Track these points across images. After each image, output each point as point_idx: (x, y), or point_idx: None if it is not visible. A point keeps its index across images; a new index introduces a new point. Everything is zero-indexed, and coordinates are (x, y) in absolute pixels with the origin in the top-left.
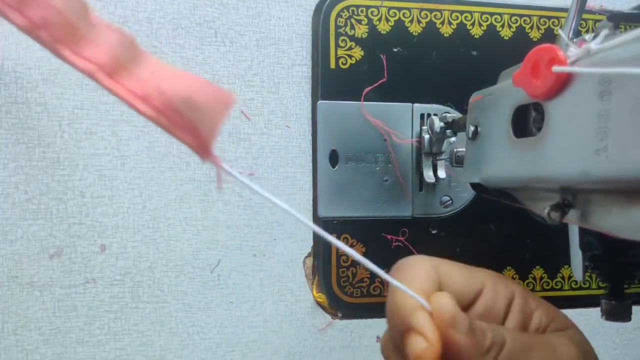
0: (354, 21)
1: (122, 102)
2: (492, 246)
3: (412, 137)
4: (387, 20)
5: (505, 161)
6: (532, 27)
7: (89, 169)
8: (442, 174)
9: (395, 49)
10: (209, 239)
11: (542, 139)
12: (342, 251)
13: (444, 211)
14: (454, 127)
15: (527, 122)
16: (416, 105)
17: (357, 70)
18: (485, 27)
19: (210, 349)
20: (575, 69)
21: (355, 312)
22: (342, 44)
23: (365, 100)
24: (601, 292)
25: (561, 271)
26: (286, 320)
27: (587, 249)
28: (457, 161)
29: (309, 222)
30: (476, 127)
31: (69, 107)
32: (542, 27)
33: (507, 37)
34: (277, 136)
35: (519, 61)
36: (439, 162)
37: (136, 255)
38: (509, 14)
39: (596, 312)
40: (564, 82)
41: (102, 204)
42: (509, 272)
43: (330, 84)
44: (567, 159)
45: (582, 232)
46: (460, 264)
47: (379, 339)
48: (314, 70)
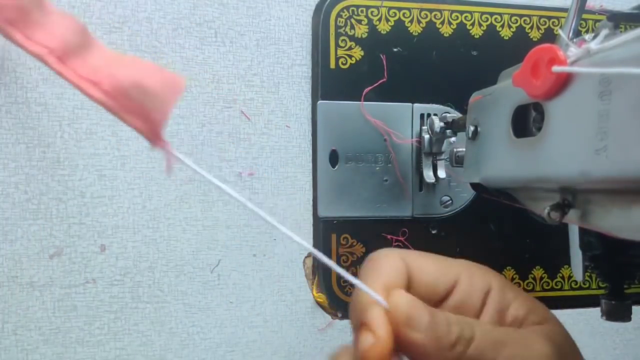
0: (354, 21)
1: (73, 86)
2: (492, 246)
3: (412, 137)
4: (387, 20)
5: (505, 161)
6: (532, 27)
7: (89, 169)
8: (442, 174)
9: (395, 49)
10: (209, 239)
11: (542, 139)
12: (342, 251)
13: (444, 211)
14: (454, 127)
15: (527, 122)
16: (416, 105)
17: (357, 70)
18: (485, 27)
19: (210, 349)
20: (575, 69)
21: None
22: (342, 44)
23: (365, 100)
24: (601, 292)
25: (561, 271)
26: (286, 320)
27: (587, 249)
28: (457, 161)
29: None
30: (476, 127)
31: (69, 107)
32: (542, 27)
33: (507, 37)
34: (277, 136)
35: (519, 61)
36: (439, 162)
37: (136, 255)
38: (509, 14)
39: (596, 312)
40: (564, 82)
41: (102, 204)
42: (509, 272)
43: (330, 84)
44: (567, 159)
45: (582, 232)
46: (435, 255)
47: None
48: (314, 70)
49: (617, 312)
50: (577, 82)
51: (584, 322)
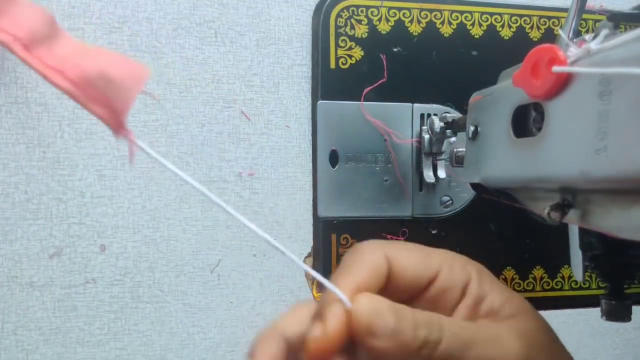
0: (354, 21)
1: (39, 74)
2: (492, 246)
3: (412, 137)
4: (387, 20)
5: (505, 161)
6: (532, 27)
7: (89, 169)
8: (442, 174)
9: (395, 49)
10: (209, 239)
11: (542, 139)
12: (342, 251)
13: (444, 211)
14: (454, 127)
15: (527, 122)
16: (416, 105)
17: (357, 70)
18: (485, 27)
19: (210, 349)
20: (575, 69)
21: None
22: (342, 44)
23: (365, 100)
24: (601, 292)
25: (561, 271)
26: None
27: (587, 249)
28: (457, 161)
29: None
30: (476, 127)
31: (69, 107)
32: (542, 27)
33: (507, 37)
34: (277, 136)
35: (519, 61)
36: (439, 162)
37: (136, 255)
38: (509, 14)
39: (596, 312)
40: (564, 82)
41: (102, 204)
42: (509, 272)
43: (330, 84)
44: (567, 159)
45: (582, 232)
46: (418, 246)
47: None
48: (314, 70)
49: (617, 312)
50: (577, 82)
51: (584, 322)
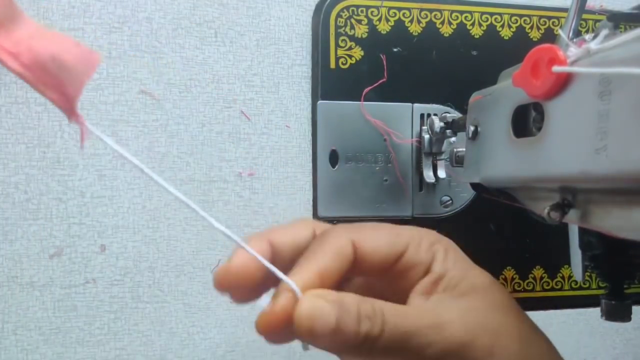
0: (354, 21)
1: None
2: (492, 246)
3: (412, 137)
4: (387, 20)
5: (505, 161)
6: (532, 27)
7: (89, 169)
8: (442, 174)
9: (395, 49)
10: (209, 239)
11: (542, 138)
12: None
13: (444, 211)
14: (454, 127)
15: (527, 122)
16: (416, 105)
17: (357, 70)
18: (485, 27)
19: (210, 349)
20: (575, 69)
21: None
22: (342, 44)
23: (365, 100)
24: (601, 292)
25: (561, 271)
26: None
27: (587, 248)
28: (457, 161)
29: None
30: (476, 127)
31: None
32: (542, 27)
33: (507, 37)
34: (277, 136)
35: (519, 61)
36: (439, 162)
37: (136, 255)
38: (509, 14)
39: (596, 312)
40: (564, 82)
41: (102, 204)
42: (509, 272)
43: (330, 84)
44: (567, 159)
45: (582, 232)
46: (388, 226)
47: None
48: (314, 70)
49: (617, 312)
50: (577, 82)
51: (584, 322)
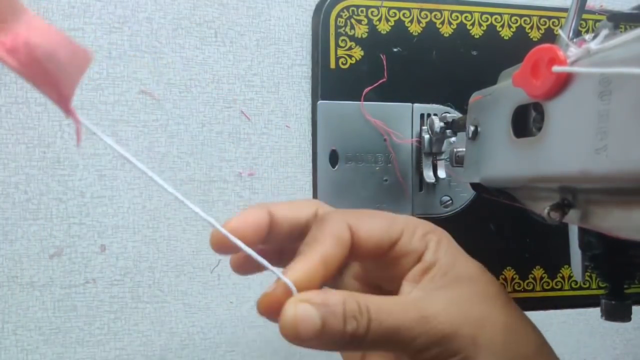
0: (354, 21)
1: None
2: (492, 246)
3: (412, 137)
4: (387, 20)
5: (505, 161)
6: (532, 27)
7: (89, 169)
8: (442, 174)
9: (395, 49)
10: (209, 239)
11: (542, 138)
12: None
13: (444, 211)
14: (454, 127)
15: (527, 122)
16: (416, 105)
17: (357, 70)
18: (485, 27)
19: (210, 349)
20: (575, 69)
21: None
22: (342, 44)
23: (365, 100)
24: (601, 292)
25: (561, 271)
26: None
27: (587, 248)
28: (457, 161)
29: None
30: (476, 127)
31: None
32: (542, 27)
33: (507, 37)
34: (277, 136)
35: (519, 61)
36: (439, 162)
37: (136, 255)
38: (509, 14)
39: (596, 312)
40: (564, 82)
41: (102, 204)
42: (509, 272)
43: (330, 84)
44: (567, 159)
45: (582, 232)
46: (384, 214)
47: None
48: (314, 70)
49: (617, 312)
50: (577, 82)
51: (584, 322)
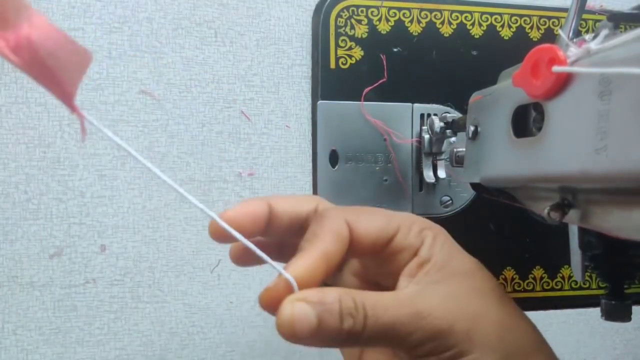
0: (354, 21)
1: None
2: (492, 246)
3: (412, 137)
4: (387, 20)
5: (505, 161)
6: (532, 27)
7: (89, 169)
8: (442, 174)
9: (395, 49)
10: (209, 239)
11: (542, 138)
12: None
13: (444, 211)
14: (454, 127)
15: (527, 122)
16: (416, 105)
17: (357, 70)
18: (485, 27)
19: (210, 349)
20: (575, 69)
21: None
22: (342, 44)
23: (365, 100)
24: (601, 292)
25: (561, 271)
26: None
27: (587, 248)
28: (457, 161)
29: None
30: (476, 127)
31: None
32: (542, 27)
33: (507, 37)
34: (277, 136)
35: (519, 61)
36: (439, 162)
37: (136, 255)
38: (509, 14)
39: (596, 312)
40: (564, 82)
41: (102, 204)
42: (509, 272)
43: (330, 84)
44: (567, 159)
45: (582, 232)
46: (381, 211)
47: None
48: (314, 70)
49: (617, 312)
50: (577, 82)
51: (584, 322)
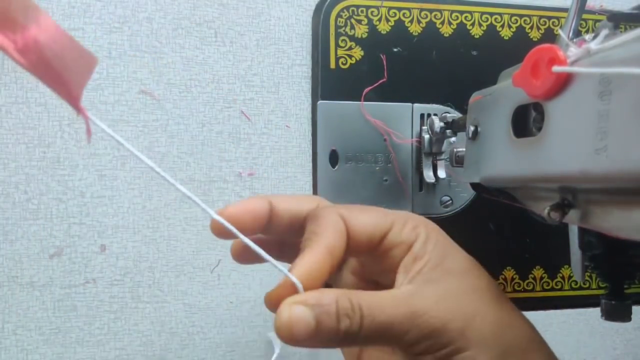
0: (354, 21)
1: (3, 51)
2: (492, 246)
3: (412, 137)
4: (387, 20)
5: (505, 161)
6: (532, 27)
7: (89, 169)
8: (442, 174)
9: (395, 49)
10: (209, 239)
11: (542, 138)
12: None
13: (444, 211)
14: (454, 127)
15: (527, 122)
16: (416, 105)
17: (357, 70)
18: (485, 27)
19: (210, 348)
20: (575, 69)
21: None
22: (342, 44)
23: (365, 100)
24: (601, 292)
25: (561, 271)
26: None
27: (587, 248)
28: (457, 161)
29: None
30: (476, 127)
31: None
32: (542, 27)
33: (507, 37)
34: (277, 136)
35: (519, 61)
36: (439, 162)
37: (136, 255)
38: (509, 14)
39: (596, 312)
40: (564, 82)
41: (102, 204)
42: (509, 272)
43: (330, 84)
44: (567, 159)
45: (582, 232)
46: (376, 209)
47: None
48: (314, 70)
49: (617, 312)
50: (577, 82)
51: (584, 322)
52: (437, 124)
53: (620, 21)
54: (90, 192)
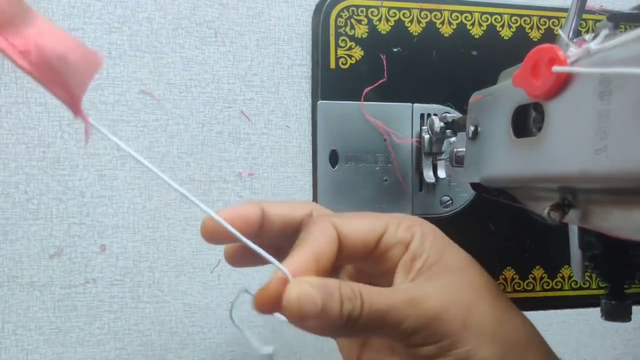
0: (354, 21)
1: (2, 53)
2: (492, 246)
3: (412, 137)
4: (387, 20)
5: (505, 161)
6: (532, 27)
7: (89, 169)
8: (442, 174)
9: (395, 49)
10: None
11: (542, 138)
12: None
13: (444, 211)
14: (454, 127)
15: (527, 122)
16: (416, 105)
17: (357, 70)
18: (485, 27)
19: (210, 348)
20: (575, 69)
21: None
22: (342, 44)
23: (365, 100)
24: (601, 292)
25: (561, 271)
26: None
27: (587, 248)
28: (457, 161)
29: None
30: (476, 127)
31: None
32: (542, 27)
33: (507, 37)
34: (277, 136)
35: (519, 61)
36: (439, 162)
37: (136, 255)
38: (509, 14)
39: (596, 312)
40: (564, 82)
41: (102, 204)
42: (509, 272)
43: (330, 84)
44: (567, 159)
45: (582, 232)
46: (370, 213)
47: None
48: (314, 70)
49: (617, 312)
50: (577, 82)
51: (584, 322)
52: (437, 124)
53: (620, 21)
54: (90, 192)
